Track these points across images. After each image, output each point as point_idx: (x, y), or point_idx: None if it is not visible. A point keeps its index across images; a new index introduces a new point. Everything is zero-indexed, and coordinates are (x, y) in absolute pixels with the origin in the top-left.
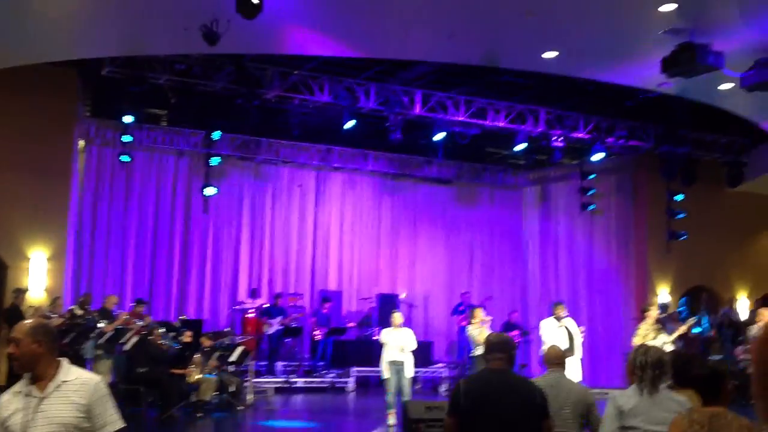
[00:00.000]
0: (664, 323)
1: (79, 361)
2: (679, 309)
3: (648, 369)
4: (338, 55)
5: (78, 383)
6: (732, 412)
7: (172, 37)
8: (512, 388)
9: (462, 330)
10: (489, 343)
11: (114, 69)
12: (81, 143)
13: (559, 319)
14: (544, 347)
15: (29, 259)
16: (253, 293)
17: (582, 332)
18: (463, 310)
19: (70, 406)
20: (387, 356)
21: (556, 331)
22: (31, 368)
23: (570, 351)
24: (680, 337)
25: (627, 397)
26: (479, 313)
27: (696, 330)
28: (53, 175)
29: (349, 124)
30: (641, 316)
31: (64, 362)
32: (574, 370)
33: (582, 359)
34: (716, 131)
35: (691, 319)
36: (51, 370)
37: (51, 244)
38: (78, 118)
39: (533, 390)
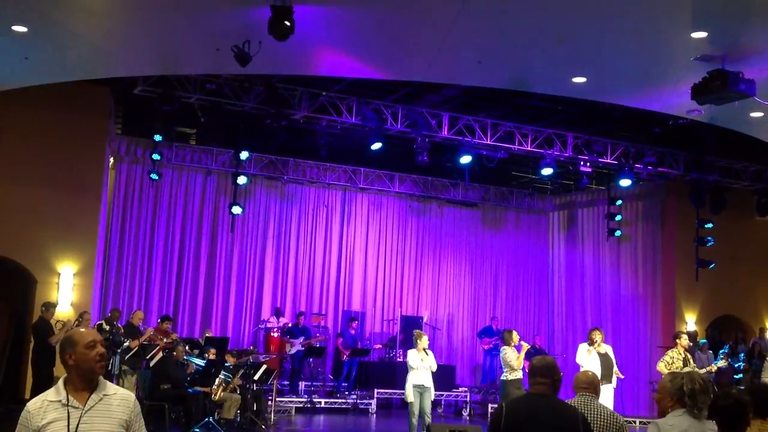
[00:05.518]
0: (693, 353)
1: (106, 376)
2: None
3: (699, 396)
4: (367, 77)
5: (119, 398)
6: None
7: (204, 58)
8: (556, 413)
9: (487, 354)
10: (533, 367)
11: (146, 88)
12: (111, 160)
13: (593, 344)
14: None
15: (58, 273)
16: (277, 312)
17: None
18: (491, 334)
19: (113, 421)
20: (413, 379)
21: (589, 357)
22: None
23: (605, 378)
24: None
25: (676, 426)
26: (515, 336)
27: (721, 362)
28: (84, 191)
29: (376, 145)
30: (672, 343)
31: (101, 376)
32: (606, 397)
33: (615, 387)
34: (746, 159)
35: (722, 361)
36: (95, 383)
37: (79, 260)
38: (109, 135)
39: (577, 416)
